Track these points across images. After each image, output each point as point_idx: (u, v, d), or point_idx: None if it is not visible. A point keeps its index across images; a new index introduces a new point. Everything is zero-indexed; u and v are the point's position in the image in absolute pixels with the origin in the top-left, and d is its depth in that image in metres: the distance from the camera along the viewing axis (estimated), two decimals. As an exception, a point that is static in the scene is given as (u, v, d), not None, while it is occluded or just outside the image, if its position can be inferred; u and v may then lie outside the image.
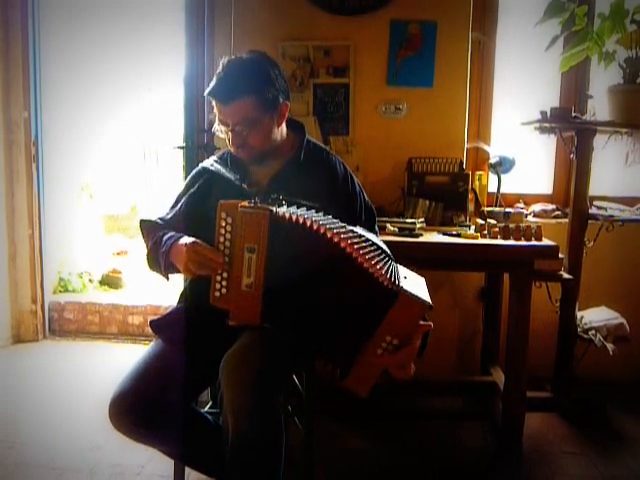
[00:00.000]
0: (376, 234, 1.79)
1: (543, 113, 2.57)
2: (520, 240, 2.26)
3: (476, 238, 2.29)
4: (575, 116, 2.58)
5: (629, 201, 2.88)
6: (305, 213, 1.45)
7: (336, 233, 1.39)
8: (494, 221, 2.48)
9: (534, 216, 2.93)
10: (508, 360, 2.37)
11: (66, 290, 4.03)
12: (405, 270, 1.50)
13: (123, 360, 3.14)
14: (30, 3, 3.33)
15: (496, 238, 2.29)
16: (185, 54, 2.92)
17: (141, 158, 5.93)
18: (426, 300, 1.36)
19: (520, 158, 2.90)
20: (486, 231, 2.32)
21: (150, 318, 1.82)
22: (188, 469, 1.83)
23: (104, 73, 4.96)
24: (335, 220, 1.49)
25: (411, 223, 2.40)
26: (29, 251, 3.51)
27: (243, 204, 1.44)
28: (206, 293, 1.51)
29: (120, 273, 4.38)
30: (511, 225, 2.30)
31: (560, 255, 2.32)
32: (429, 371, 2.92)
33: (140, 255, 4.75)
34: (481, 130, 3.04)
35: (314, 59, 2.83)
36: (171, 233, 1.65)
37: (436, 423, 2.58)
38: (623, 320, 2.63)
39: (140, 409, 1.49)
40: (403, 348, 1.38)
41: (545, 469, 2.23)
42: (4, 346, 3.45)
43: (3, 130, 3.38)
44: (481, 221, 2.44)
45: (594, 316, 2.68)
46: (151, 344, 1.69)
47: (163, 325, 1.73)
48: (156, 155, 5.93)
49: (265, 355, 1.49)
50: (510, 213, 2.64)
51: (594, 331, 2.58)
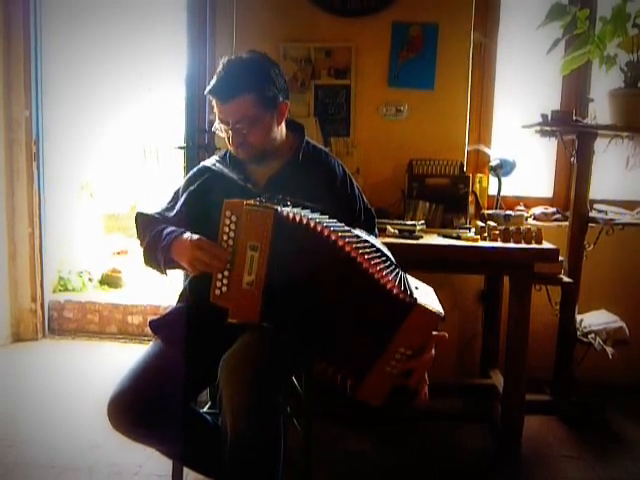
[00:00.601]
0: (375, 237, 1.79)
1: (544, 116, 2.58)
2: (520, 243, 2.26)
3: (476, 241, 2.29)
4: (576, 119, 2.58)
5: (629, 205, 2.87)
6: (310, 214, 1.45)
7: (341, 236, 1.40)
8: (494, 224, 2.48)
9: (534, 219, 2.94)
10: (507, 363, 2.37)
11: (66, 289, 4.03)
12: (413, 279, 1.50)
13: (122, 360, 3.14)
14: (32, 2, 3.33)
15: (496, 241, 2.29)
16: (186, 54, 2.92)
17: (141, 158, 5.94)
18: (440, 311, 1.37)
19: (521, 161, 2.90)
20: (486, 234, 2.32)
21: (149, 318, 1.82)
22: (186, 469, 1.82)
23: (104, 73, 4.97)
24: (339, 223, 1.49)
25: (411, 225, 2.40)
26: (29, 250, 3.50)
27: (249, 202, 1.44)
28: (206, 292, 1.50)
29: (120, 272, 4.38)
30: (511, 228, 2.30)
31: (560, 258, 2.32)
32: (429, 372, 2.94)
33: (140, 248, 4.76)
34: (482, 132, 3.04)
35: (315, 60, 2.83)
36: (172, 228, 1.64)
37: (436, 425, 2.58)
38: (622, 323, 2.63)
39: (139, 409, 1.49)
40: (417, 358, 1.38)
41: (544, 472, 2.23)
42: (3, 345, 3.44)
43: (4, 129, 3.37)
44: (481, 224, 2.44)
45: (594, 319, 2.68)
46: (150, 344, 1.69)
47: (162, 325, 1.73)
48: (156, 155, 5.93)
49: (265, 355, 1.49)
50: (510, 216, 2.65)
51: (594, 334, 2.58)
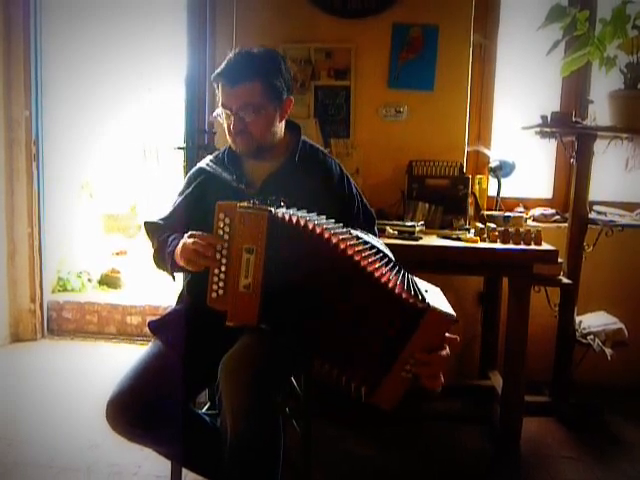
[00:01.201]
0: (375, 236, 1.79)
1: (544, 117, 2.58)
2: (519, 244, 2.26)
3: (476, 242, 2.29)
4: (576, 121, 2.58)
5: (629, 206, 2.88)
6: (304, 215, 1.45)
7: (338, 236, 1.40)
8: (494, 225, 2.48)
9: (534, 220, 2.94)
10: (506, 364, 2.37)
11: (65, 289, 4.03)
12: (420, 281, 1.50)
13: (121, 360, 3.14)
14: (32, 3, 3.33)
15: (495, 242, 2.29)
16: (187, 54, 2.92)
17: (141, 158, 5.94)
18: (453, 314, 1.36)
19: (520, 162, 2.90)
20: (486, 235, 2.32)
21: (148, 319, 1.82)
22: (185, 469, 1.82)
23: (104, 73, 4.97)
24: (334, 222, 1.49)
25: (411, 226, 2.40)
26: (28, 250, 3.50)
27: (242, 204, 1.44)
28: (203, 294, 1.50)
29: (119, 273, 4.38)
30: (511, 229, 2.30)
31: (559, 259, 2.32)
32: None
33: (139, 255, 4.76)
34: (481, 134, 3.04)
35: (315, 61, 2.83)
36: (175, 234, 1.66)
37: (435, 426, 2.58)
38: (622, 325, 2.63)
39: (137, 410, 1.49)
40: (431, 360, 1.37)
41: (543, 473, 2.23)
42: (2, 345, 3.44)
43: (4, 128, 3.37)
44: (481, 225, 2.44)
45: (593, 321, 2.68)
46: (149, 345, 1.69)
47: (161, 326, 1.73)
48: (156, 155, 5.93)
49: (264, 356, 1.49)
50: (510, 217, 2.65)
51: (592, 336, 2.58)
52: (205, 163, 1.82)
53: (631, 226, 2.64)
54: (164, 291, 3.86)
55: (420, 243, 2.28)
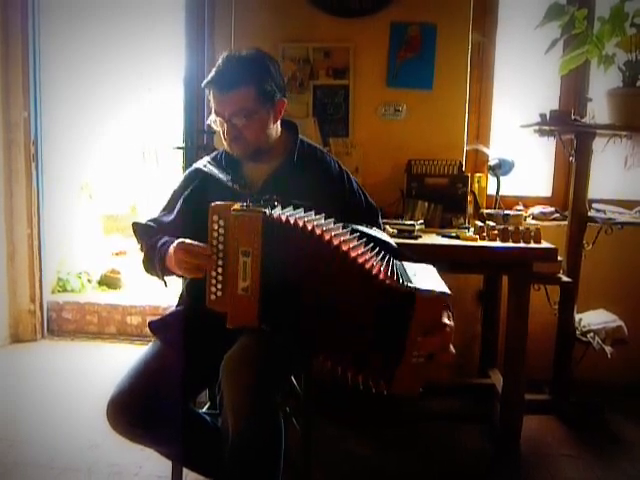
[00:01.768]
0: (379, 228, 1.79)
1: (542, 116, 2.58)
2: (519, 242, 2.25)
3: (475, 240, 2.29)
4: (574, 119, 2.58)
5: (628, 204, 2.87)
6: (299, 214, 1.45)
7: (328, 232, 1.40)
8: (493, 223, 2.47)
9: (533, 218, 2.93)
10: (506, 362, 2.37)
11: (65, 290, 4.03)
12: (412, 265, 1.50)
13: (121, 360, 3.13)
14: (30, 4, 3.33)
15: (495, 240, 2.29)
16: (185, 55, 2.92)
17: (141, 158, 5.94)
18: (444, 290, 1.36)
19: (519, 160, 2.89)
20: (485, 233, 2.32)
21: (149, 319, 1.82)
22: (186, 469, 1.82)
23: (104, 73, 4.97)
24: (330, 220, 1.48)
25: (410, 225, 2.40)
26: (28, 250, 3.50)
27: (235, 207, 1.43)
28: (202, 296, 1.51)
29: (119, 273, 4.38)
30: (510, 227, 2.30)
31: (559, 258, 2.32)
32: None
33: (139, 256, 4.75)
34: (480, 132, 3.04)
35: (314, 60, 2.83)
36: (165, 238, 1.64)
37: (435, 425, 2.58)
38: (621, 323, 2.63)
39: (137, 410, 1.49)
40: (436, 341, 1.37)
41: (543, 472, 2.23)
42: (2, 346, 3.44)
43: (2, 130, 3.37)
44: (480, 223, 2.43)
45: (592, 319, 2.68)
46: (149, 345, 1.69)
47: (162, 326, 1.73)
48: (156, 155, 5.93)
49: (264, 356, 1.49)
50: (509, 215, 2.65)
51: (592, 334, 2.58)
52: (202, 164, 1.81)
53: (630, 224, 2.64)
54: (164, 291, 3.85)
55: (419, 242, 2.28)
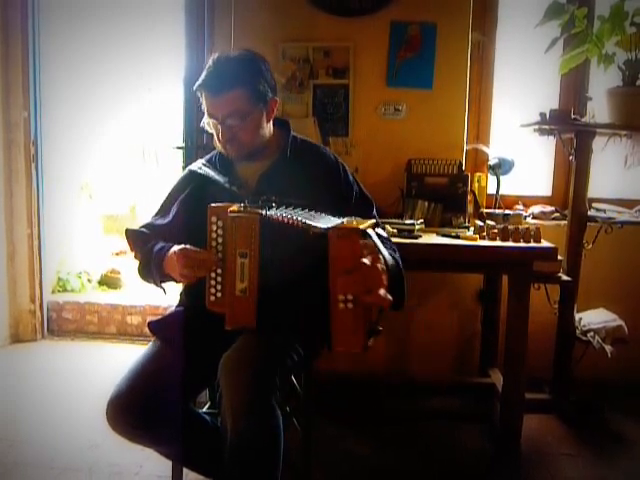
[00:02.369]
0: (376, 219, 1.78)
1: (542, 115, 2.58)
2: (519, 242, 2.25)
3: (475, 240, 2.29)
4: (574, 118, 2.58)
5: (628, 203, 2.88)
6: (296, 213, 1.45)
7: None
8: (493, 223, 2.48)
9: (533, 218, 2.93)
10: (506, 362, 2.37)
11: (65, 290, 4.03)
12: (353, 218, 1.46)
13: (121, 360, 3.13)
14: (30, 3, 3.33)
15: (495, 240, 2.29)
16: (185, 55, 2.93)
17: (141, 158, 5.93)
18: (357, 227, 1.33)
19: (519, 160, 2.89)
20: (485, 233, 2.32)
21: (148, 319, 1.82)
22: (186, 469, 1.82)
23: (104, 73, 4.96)
24: (327, 217, 1.48)
25: (410, 224, 2.40)
26: (28, 250, 3.51)
27: (233, 208, 1.43)
28: (201, 297, 1.51)
29: (119, 273, 4.38)
30: (510, 227, 2.30)
31: (559, 257, 2.32)
32: (428, 372, 2.94)
33: (135, 262, 4.75)
34: (480, 131, 3.04)
35: (314, 60, 2.83)
36: (161, 244, 1.64)
37: (435, 424, 2.58)
38: (622, 322, 2.63)
39: (137, 410, 1.49)
40: (357, 278, 1.33)
41: (543, 471, 2.23)
42: (2, 346, 3.45)
43: (2, 130, 3.38)
44: (480, 223, 2.43)
45: (593, 318, 2.68)
46: (149, 345, 1.69)
47: (161, 326, 1.73)
48: (155, 155, 5.93)
49: (263, 355, 1.49)
50: (509, 215, 2.64)
51: (592, 333, 2.58)
52: (197, 166, 1.81)
53: (630, 223, 2.64)
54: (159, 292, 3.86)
55: (419, 241, 2.28)
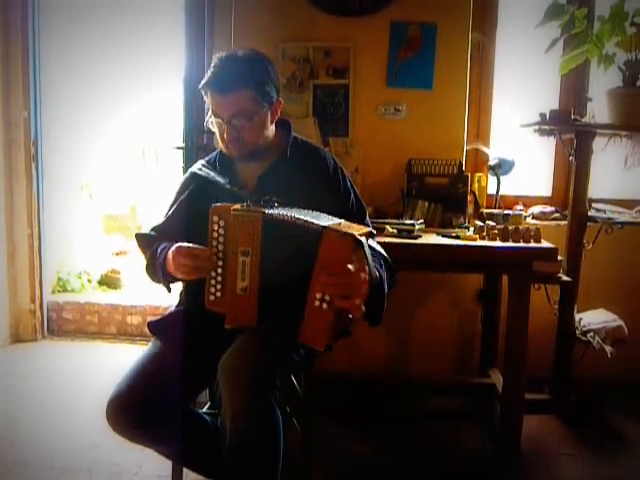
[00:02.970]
0: (368, 227, 1.79)
1: (542, 115, 2.58)
2: (519, 242, 2.25)
3: (475, 240, 2.29)
4: (574, 118, 2.58)
5: (628, 204, 2.87)
6: (298, 213, 1.45)
7: None
8: (493, 223, 2.48)
9: (533, 218, 2.93)
10: (506, 362, 2.37)
11: (65, 290, 4.03)
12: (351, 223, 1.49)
13: (121, 360, 3.13)
14: (30, 3, 3.33)
15: (495, 240, 2.29)
16: (185, 55, 2.92)
17: (141, 158, 5.93)
18: (354, 233, 1.35)
19: (519, 160, 2.89)
20: (485, 233, 2.32)
21: (148, 319, 1.82)
22: (186, 469, 1.82)
23: (104, 73, 4.96)
24: (327, 217, 1.48)
25: (410, 224, 2.39)
26: (28, 250, 3.51)
27: (235, 207, 1.43)
28: (201, 297, 1.51)
29: (119, 273, 4.38)
30: (510, 227, 2.30)
31: (559, 257, 2.32)
32: (428, 372, 2.94)
33: (139, 255, 4.76)
34: (480, 132, 3.04)
35: (314, 60, 2.83)
36: (164, 244, 1.65)
37: (435, 424, 2.58)
38: (622, 322, 2.63)
39: (137, 410, 1.49)
40: (339, 281, 1.36)
41: (543, 471, 2.23)
42: (2, 346, 3.45)
43: (2, 130, 3.38)
44: (480, 223, 2.43)
45: (593, 318, 2.68)
46: (149, 345, 1.69)
47: (161, 326, 1.74)
48: (156, 155, 5.93)
49: (263, 355, 1.49)
50: (509, 215, 2.64)
51: (592, 333, 2.58)
52: (197, 168, 1.81)
53: (630, 223, 2.64)
54: (164, 292, 3.86)
55: (419, 241, 2.28)
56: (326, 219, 1.45)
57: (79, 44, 4.33)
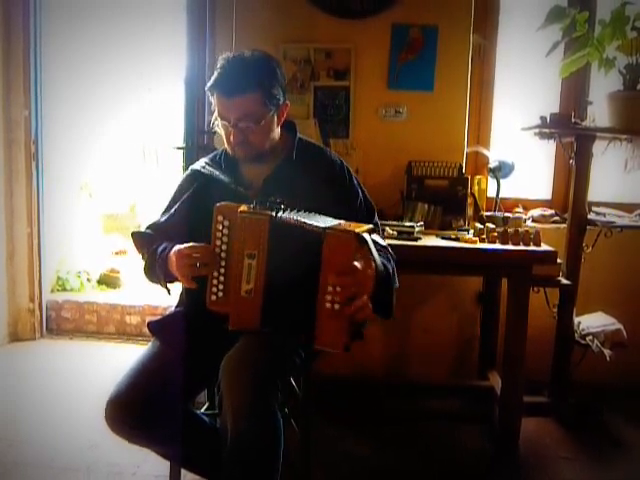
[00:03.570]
0: (377, 226, 1.79)
1: (543, 118, 2.58)
2: (518, 245, 2.26)
3: (475, 242, 2.29)
4: (575, 122, 2.58)
5: (628, 207, 2.88)
6: (302, 216, 1.45)
7: None
8: (493, 225, 2.48)
9: (533, 221, 2.93)
10: (505, 365, 2.37)
11: (64, 289, 4.03)
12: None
13: (120, 360, 3.13)
14: (31, 3, 3.33)
15: (494, 243, 2.29)
16: (186, 55, 2.93)
17: (141, 158, 5.93)
18: (354, 230, 1.35)
19: (519, 163, 2.89)
20: (485, 235, 2.32)
21: (148, 319, 1.82)
22: (184, 470, 1.82)
23: (104, 73, 4.97)
24: (328, 219, 1.48)
25: (410, 227, 2.40)
26: (27, 249, 3.50)
27: (242, 209, 1.43)
28: (202, 297, 1.51)
29: (118, 273, 4.38)
30: (510, 230, 2.30)
31: (558, 260, 2.32)
32: (427, 374, 2.94)
33: (140, 264, 4.77)
34: (481, 134, 3.04)
35: (315, 61, 2.83)
36: (164, 244, 1.64)
37: (433, 426, 2.58)
38: (620, 326, 2.63)
39: (136, 411, 1.49)
40: (347, 282, 1.36)
41: (541, 473, 2.23)
42: (1, 344, 3.44)
43: (3, 129, 3.37)
44: (480, 225, 2.44)
45: (592, 322, 2.68)
46: (148, 345, 1.69)
47: (161, 327, 1.73)
48: (156, 155, 5.93)
49: (265, 357, 1.49)
50: (509, 218, 2.65)
51: (591, 337, 2.59)
52: (200, 166, 1.80)
53: (630, 227, 2.64)
54: (164, 292, 3.86)
55: (419, 244, 2.28)
56: (327, 221, 1.45)
57: (80, 43, 4.33)
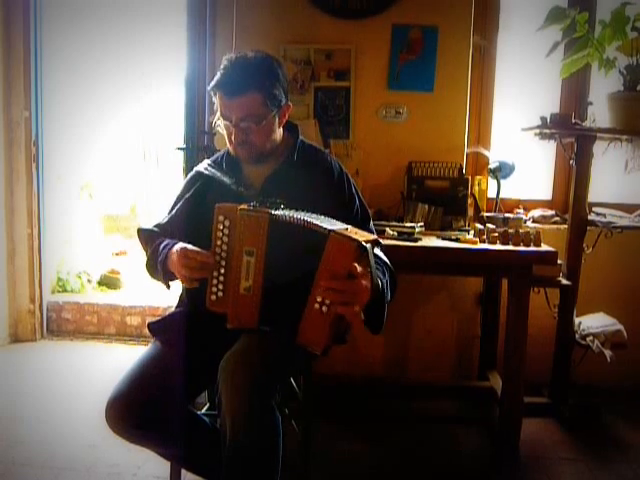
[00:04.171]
0: (372, 233, 1.79)
1: (543, 119, 2.58)
2: (519, 245, 2.26)
3: (475, 243, 2.29)
4: (575, 122, 2.59)
5: (628, 208, 2.88)
6: (304, 215, 1.45)
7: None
8: (493, 226, 2.48)
9: (533, 222, 2.94)
10: (506, 365, 2.37)
11: (64, 290, 4.03)
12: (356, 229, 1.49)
13: (120, 361, 3.14)
14: (31, 3, 3.33)
15: (495, 243, 2.29)
16: (186, 55, 2.93)
17: (141, 158, 5.94)
18: (359, 239, 1.35)
19: (520, 163, 2.90)
20: (485, 236, 2.32)
21: (148, 320, 1.82)
22: (184, 470, 1.82)
23: (104, 73, 4.98)
24: (333, 221, 1.49)
25: (410, 227, 2.40)
26: (28, 250, 3.50)
27: (242, 207, 1.44)
28: (202, 297, 1.51)
29: (119, 274, 4.38)
30: (510, 230, 2.30)
31: (559, 261, 2.32)
32: (427, 375, 2.94)
33: (139, 256, 4.76)
34: (481, 135, 3.04)
35: (315, 62, 2.83)
36: (167, 241, 1.65)
37: (434, 427, 2.58)
38: (621, 327, 2.63)
39: (136, 411, 1.49)
40: (340, 287, 1.37)
41: (541, 474, 2.23)
42: (1, 345, 3.44)
43: (3, 129, 3.37)
44: (480, 226, 2.44)
45: (592, 322, 2.68)
46: (148, 346, 1.69)
47: (161, 327, 1.73)
48: (156, 156, 5.94)
49: (263, 358, 1.49)
50: (509, 218, 2.65)
51: (592, 337, 2.59)
52: (203, 167, 1.81)
53: (630, 228, 2.64)
54: (164, 292, 3.85)
55: (420, 244, 2.28)
56: (334, 223, 1.46)
57: (80, 44, 4.34)
